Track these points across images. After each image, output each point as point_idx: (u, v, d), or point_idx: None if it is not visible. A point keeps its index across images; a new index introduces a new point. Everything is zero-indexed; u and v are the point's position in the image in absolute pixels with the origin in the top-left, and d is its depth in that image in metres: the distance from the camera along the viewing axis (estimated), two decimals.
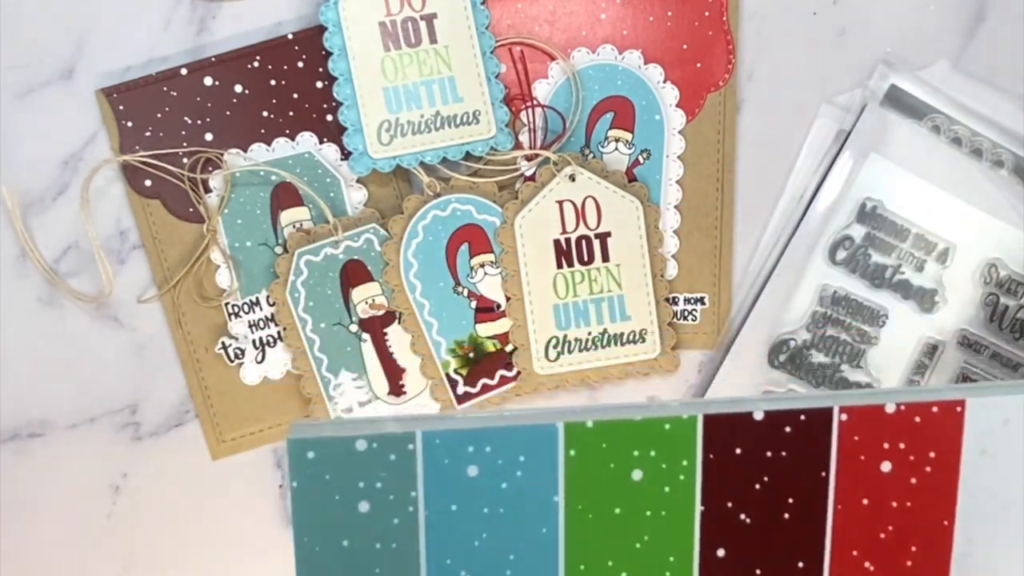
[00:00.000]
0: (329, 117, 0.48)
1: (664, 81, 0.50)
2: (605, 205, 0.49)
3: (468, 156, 0.48)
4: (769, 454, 0.27)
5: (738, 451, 0.27)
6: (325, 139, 0.48)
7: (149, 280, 0.49)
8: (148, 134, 0.47)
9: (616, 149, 0.50)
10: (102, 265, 0.48)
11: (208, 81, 0.48)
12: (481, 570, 0.26)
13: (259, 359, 0.49)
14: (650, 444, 0.27)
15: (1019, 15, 0.51)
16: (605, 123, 0.50)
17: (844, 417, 0.27)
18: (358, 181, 0.49)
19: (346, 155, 0.48)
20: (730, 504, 0.27)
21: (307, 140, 0.48)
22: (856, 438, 0.27)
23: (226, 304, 0.48)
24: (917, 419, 0.27)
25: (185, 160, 0.48)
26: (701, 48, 0.50)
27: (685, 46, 0.50)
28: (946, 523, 0.28)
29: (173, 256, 0.48)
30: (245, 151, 0.48)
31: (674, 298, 0.51)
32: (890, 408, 0.27)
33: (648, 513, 0.27)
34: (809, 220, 0.50)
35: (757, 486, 0.27)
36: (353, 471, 0.25)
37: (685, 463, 0.27)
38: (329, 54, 0.47)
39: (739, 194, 0.51)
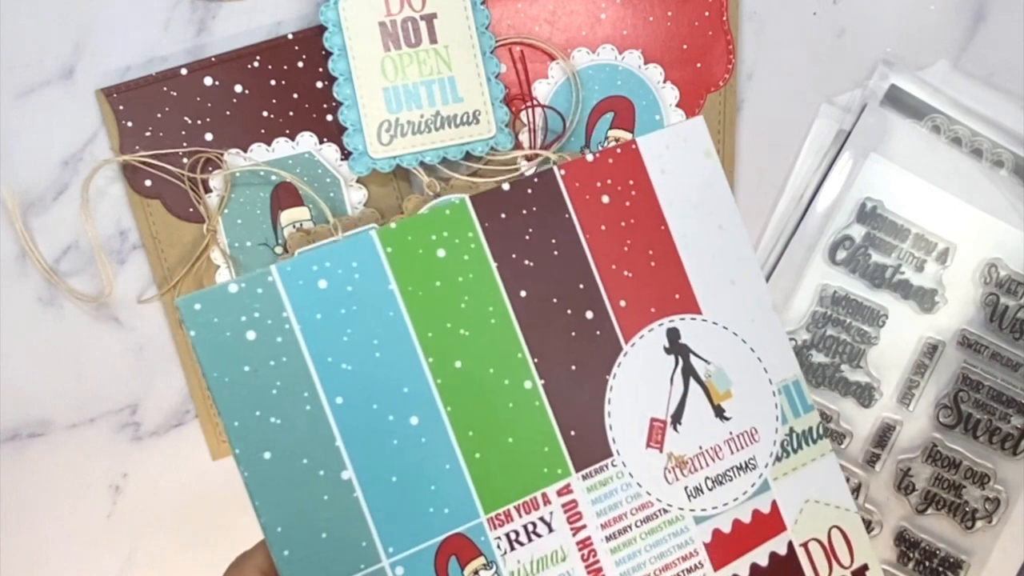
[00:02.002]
0: (329, 117, 0.48)
1: (664, 81, 0.50)
2: None
3: (468, 156, 0.48)
4: (525, 212, 0.35)
5: (503, 215, 0.35)
6: (325, 139, 0.48)
7: (149, 280, 0.49)
8: (148, 134, 0.47)
9: None
10: (102, 265, 0.48)
11: (208, 81, 0.48)
12: (356, 358, 0.32)
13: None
14: (441, 228, 0.34)
15: (1019, 15, 0.51)
16: (605, 123, 0.50)
17: (563, 172, 0.36)
18: (358, 181, 0.49)
19: (346, 155, 0.48)
20: (514, 255, 0.35)
21: (307, 140, 0.48)
22: (577, 184, 0.36)
23: None
24: (611, 160, 0.36)
25: (185, 160, 0.48)
26: (701, 48, 0.50)
27: (685, 46, 0.50)
28: (663, 227, 0.37)
29: (173, 256, 0.48)
30: (245, 151, 0.48)
31: None
32: (590, 158, 0.36)
33: (460, 279, 0.34)
34: (809, 220, 0.50)
35: (527, 237, 0.35)
36: (234, 309, 0.31)
37: (471, 234, 0.34)
38: (329, 54, 0.47)
39: (739, 194, 0.51)
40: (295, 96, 0.48)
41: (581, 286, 0.36)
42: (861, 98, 0.51)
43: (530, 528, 0.34)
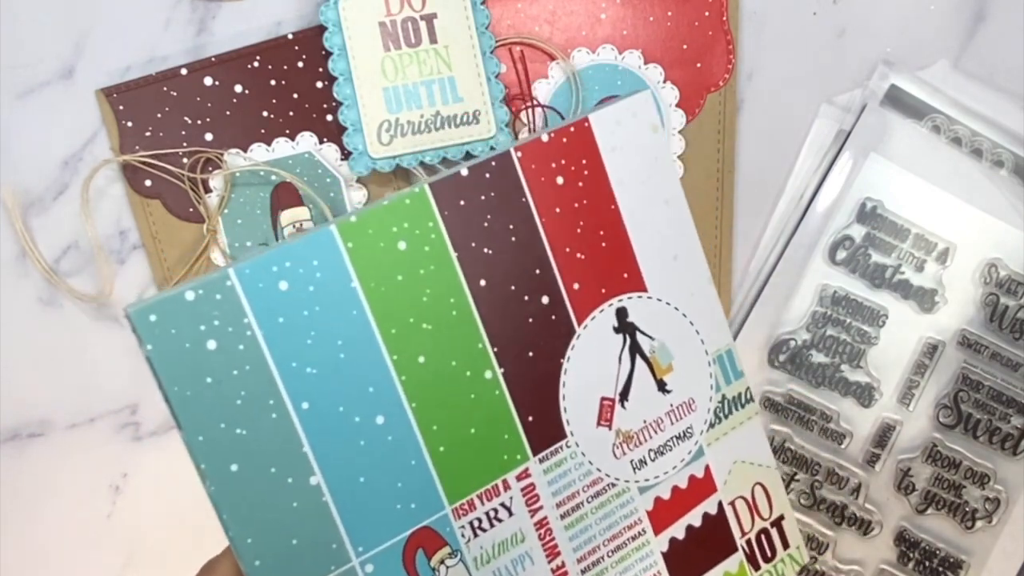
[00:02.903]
0: (329, 117, 0.48)
1: (664, 81, 0.50)
2: None
3: (468, 156, 0.48)
4: (483, 197, 0.35)
5: (462, 203, 0.34)
6: (325, 139, 0.48)
7: (149, 280, 0.49)
8: (148, 134, 0.47)
9: None
10: (102, 265, 0.48)
11: (208, 81, 0.48)
12: (320, 361, 0.32)
13: None
14: (401, 219, 0.33)
15: (1019, 15, 0.51)
16: None
17: (519, 154, 0.35)
18: (358, 181, 0.49)
19: (346, 155, 0.48)
20: (474, 244, 0.34)
21: (307, 140, 0.48)
22: (533, 166, 0.35)
23: None
24: (565, 140, 0.36)
25: (185, 160, 0.48)
26: (701, 48, 0.50)
27: (685, 46, 0.50)
28: (613, 207, 0.37)
29: (173, 256, 0.48)
30: (245, 151, 0.48)
31: None
32: (545, 138, 0.36)
33: (421, 271, 0.33)
34: (809, 220, 0.50)
35: (486, 224, 0.35)
36: (192, 318, 0.30)
37: (431, 224, 0.34)
38: (329, 54, 0.47)
39: (739, 194, 0.51)
40: (295, 96, 0.48)
41: (537, 271, 0.36)
42: (861, 98, 0.51)
43: (492, 514, 0.35)
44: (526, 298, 0.35)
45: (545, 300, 0.36)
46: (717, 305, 0.39)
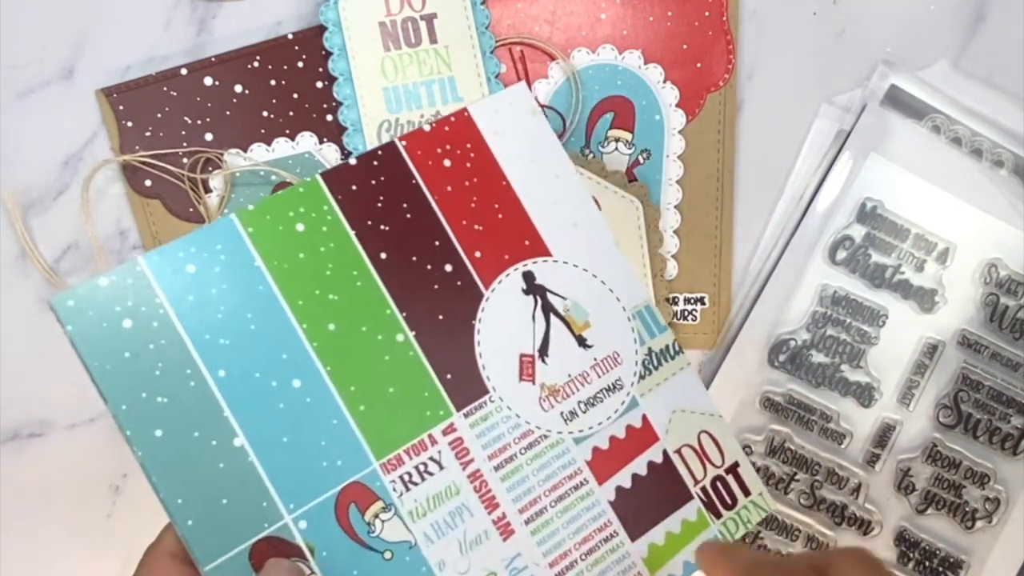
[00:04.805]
0: (329, 117, 0.48)
1: (664, 81, 0.50)
2: (605, 205, 0.49)
3: None
4: (373, 182, 0.38)
5: (354, 187, 0.37)
6: (325, 139, 0.48)
7: None
8: (148, 134, 0.47)
9: (616, 149, 0.50)
10: (102, 265, 0.48)
11: (208, 81, 0.48)
12: (232, 332, 0.34)
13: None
14: (297, 205, 0.36)
15: (1019, 15, 0.51)
16: (605, 123, 0.50)
17: (404, 143, 0.39)
18: None
19: (346, 155, 0.48)
20: (369, 222, 0.37)
21: (307, 140, 0.48)
22: (419, 152, 0.39)
23: None
24: (447, 128, 0.39)
25: (185, 160, 0.48)
26: (701, 48, 0.50)
27: (685, 46, 0.50)
28: (504, 182, 0.40)
29: None
30: (245, 151, 0.48)
31: (674, 298, 0.51)
32: (427, 128, 0.39)
33: (322, 249, 0.36)
34: (809, 220, 0.50)
35: (379, 204, 0.38)
36: (107, 301, 0.33)
37: (325, 207, 0.37)
38: (329, 54, 0.47)
39: (739, 194, 0.51)
40: (295, 96, 0.48)
41: (437, 243, 0.38)
42: (861, 98, 0.51)
43: (421, 468, 0.37)
44: (429, 267, 0.38)
45: (448, 268, 0.39)
46: (627, 266, 0.42)
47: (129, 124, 0.47)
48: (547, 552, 0.38)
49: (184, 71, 0.47)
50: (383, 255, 0.38)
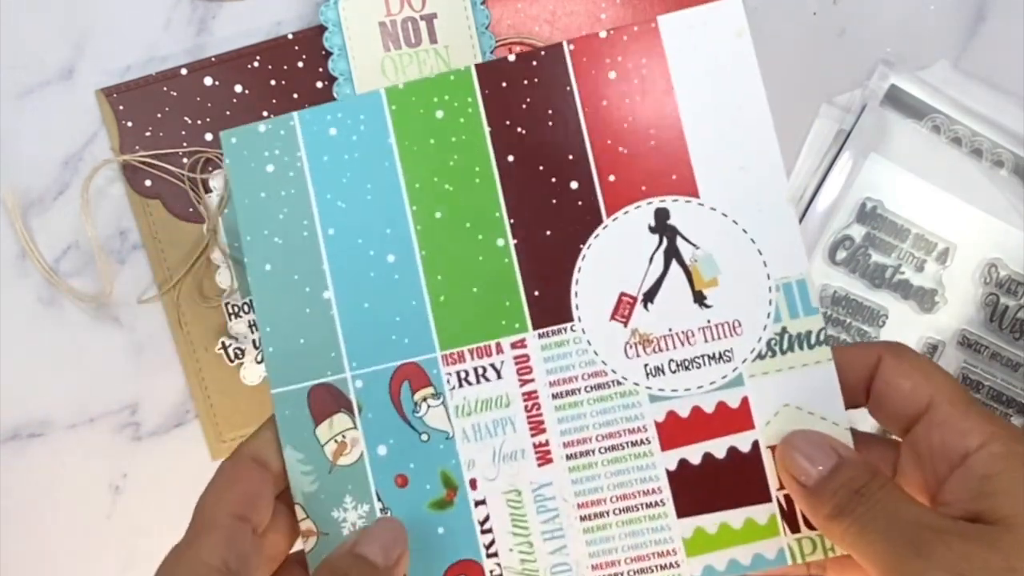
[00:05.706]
0: None
1: None
2: None
3: None
4: (526, 82, 0.37)
5: (504, 84, 0.37)
6: None
7: (149, 280, 0.49)
8: (148, 134, 0.47)
9: None
10: (102, 265, 0.48)
11: (208, 81, 0.48)
12: (351, 197, 0.37)
13: (259, 359, 0.49)
14: (444, 91, 0.37)
15: (1019, 15, 0.51)
16: None
17: (572, 47, 0.37)
18: None
19: None
20: (508, 122, 0.37)
21: None
22: (584, 59, 0.37)
23: (226, 304, 0.48)
24: (625, 38, 0.37)
25: (185, 160, 0.48)
26: None
27: None
28: (671, 107, 0.36)
29: (173, 256, 0.48)
30: None
31: None
32: (603, 35, 0.37)
33: (453, 139, 0.37)
34: (809, 220, 0.50)
35: (524, 106, 0.37)
36: (260, 145, 0.37)
37: (470, 99, 0.37)
38: (329, 54, 0.47)
39: None
40: (295, 96, 0.48)
41: (570, 156, 0.37)
42: (861, 98, 0.51)
43: (480, 371, 0.37)
44: (553, 180, 0.37)
45: (574, 185, 0.37)
46: (793, 228, 0.36)
47: (129, 124, 0.47)
48: (579, 493, 0.37)
49: (184, 71, 0.47)
50: (510, 157, 0.37)
